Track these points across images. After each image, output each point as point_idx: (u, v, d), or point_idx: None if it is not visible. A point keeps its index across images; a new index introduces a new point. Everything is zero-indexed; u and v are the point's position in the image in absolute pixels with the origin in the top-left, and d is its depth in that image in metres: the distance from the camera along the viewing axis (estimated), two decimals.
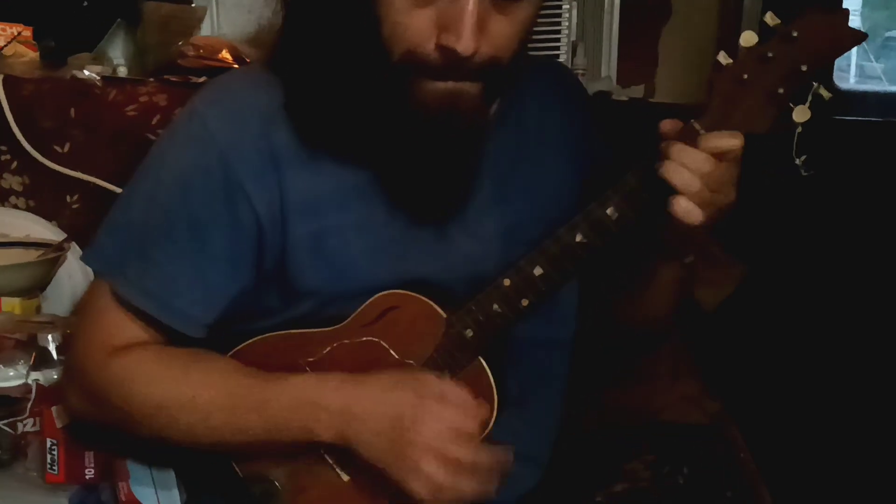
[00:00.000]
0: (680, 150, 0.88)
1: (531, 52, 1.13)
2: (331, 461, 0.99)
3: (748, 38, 0.88)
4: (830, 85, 0.89)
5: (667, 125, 0.92)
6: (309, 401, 0.93)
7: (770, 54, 0.87)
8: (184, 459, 1.13)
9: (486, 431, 0.96)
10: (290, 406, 0.93)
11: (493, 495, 0.92)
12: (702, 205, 0.89)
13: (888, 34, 3.38)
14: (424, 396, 0.91)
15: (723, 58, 0.89)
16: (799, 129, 0.88)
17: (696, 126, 0.90)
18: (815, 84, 0.87)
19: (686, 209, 0.89)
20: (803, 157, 0.89)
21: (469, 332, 0.97)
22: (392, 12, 0.88)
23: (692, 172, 0.88)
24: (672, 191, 0.89)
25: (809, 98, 0.87)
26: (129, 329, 0.99)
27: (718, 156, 0.88)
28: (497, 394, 0.97)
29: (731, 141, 0.89)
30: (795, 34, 0.86)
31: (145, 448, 1.12)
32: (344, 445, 0.93)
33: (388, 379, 0.94)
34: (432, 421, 0.90)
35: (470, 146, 0.95)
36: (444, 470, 0.89)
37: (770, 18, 0.87)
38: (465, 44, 0.85)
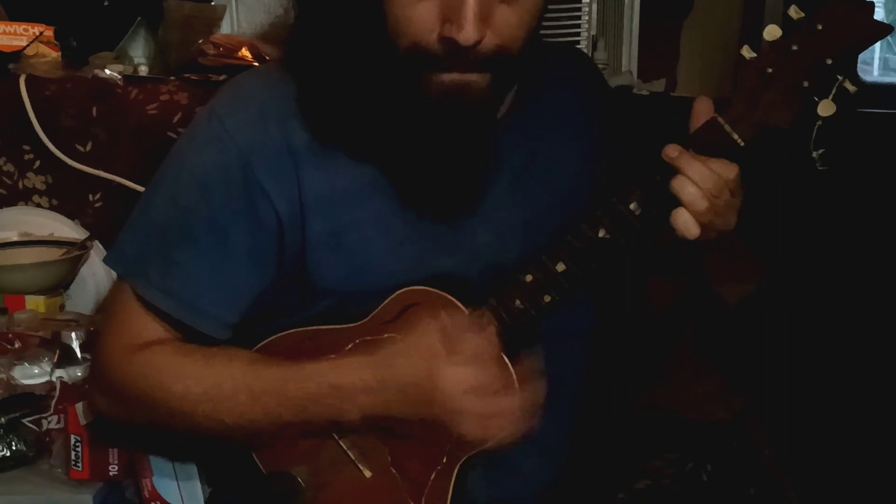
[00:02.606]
0: (690, 165, 0.89)
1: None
2: (353, 457, 0.99)
3: (772, 32, 0.87)
4: (856, 78, 0.88)
5: (700, 104, 0.93)
6: (331, 387, 0.93)
7: (794, 48, 0.87)
8: (207, 456, 1.13)
9: None
10: (313, 395, 0.94)
11: (541, 407, 0.92)
12: (702, 224, 0.90)
13: None
14: (433, 342, 0.91)
15: (746, 52, 0.89)
16: (819, 123, 0.87)
17: (721, 121, 0.90)
18: (839, 77, 0.86)
19: (685, 222, 0.90)
20: (821, 151, 0.88)
21: None
22: (395, 6, 0.88)
23: (700, 190, 0.89)
24: None
25: (833, 91, 0.87)
26: (152, 329, 1.00)
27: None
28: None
29: (722, 169, 0.89)
30: (820, 27, 0.86)
31: (168, 444, 1.12)
32: (378, 421, 0.93)
33: (396, 344, 0.94)
34: (450, 361, 0.90)
35: (481, 137, 0.95)
36: (483, 401, 0.90)
37: (794, 12, 0.87)
38: (466, 34, 0.84)
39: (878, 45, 3.21)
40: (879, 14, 3.23)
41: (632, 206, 0.93)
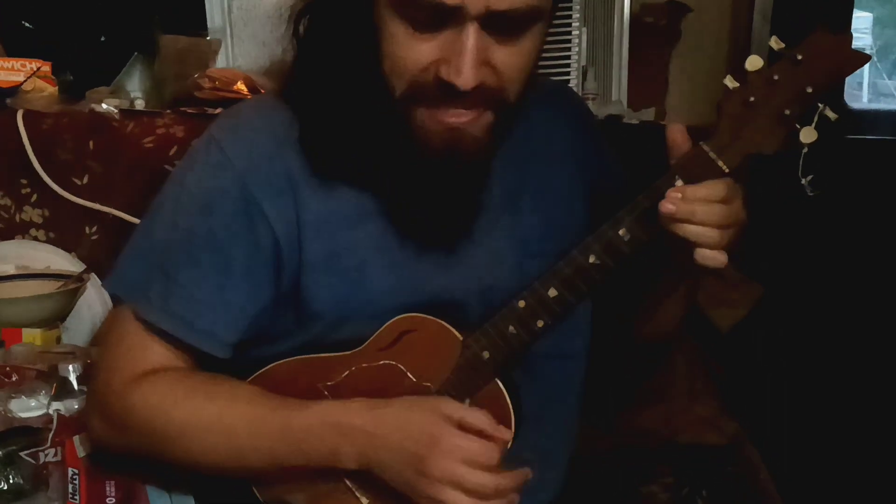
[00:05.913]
0: (694, 211, 0.88)
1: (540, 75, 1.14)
2: (351, 486, 1.00)
3: (754, 63, 0.89)
4: (840, 105, 0.90)
5: (675, 132, 0.93)
6: (333, 423, 0.94)
7: (776, 77, 0.88)
8: (203, 485, 1.14)
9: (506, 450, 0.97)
10: (315, 429, 0.94)
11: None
12: (720, 246, 0.89)
13: None
14: (444, 425, 0.91)
15: (729, 81, 0.91)
16: (805, 150, 0.89)
17: (706, 148, 0.92)
18: (820, 105, 0.88)
19: (710, 257, 0.89)
20: (810, 177, 0.90)
21: (486, 354, 0.98)
22: (394, 47, 0.89)
23: (709, 228, 0.88)
24: None
25: (816, 119, 0.88)
26: (152, 353, 1.00)
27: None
28: (514, 413, 0.98)
29: (708, 191, 0.89)
30: (800, 57, 0.87)
31: (165, 475, 1.13)
32: (367, 469, 0.94)
33: (410, 404, 0.94)
34: (451, 450, 0.90)
35: (477, 175, 0.97)
36: (464, 499, 0.90)
37: (775, 42, 0.88)
38: (465, 79, 0.86)
39: (866, 71, 3.23)
40: (867, 40, 3.25)
41: (620, 233, 0.95)
